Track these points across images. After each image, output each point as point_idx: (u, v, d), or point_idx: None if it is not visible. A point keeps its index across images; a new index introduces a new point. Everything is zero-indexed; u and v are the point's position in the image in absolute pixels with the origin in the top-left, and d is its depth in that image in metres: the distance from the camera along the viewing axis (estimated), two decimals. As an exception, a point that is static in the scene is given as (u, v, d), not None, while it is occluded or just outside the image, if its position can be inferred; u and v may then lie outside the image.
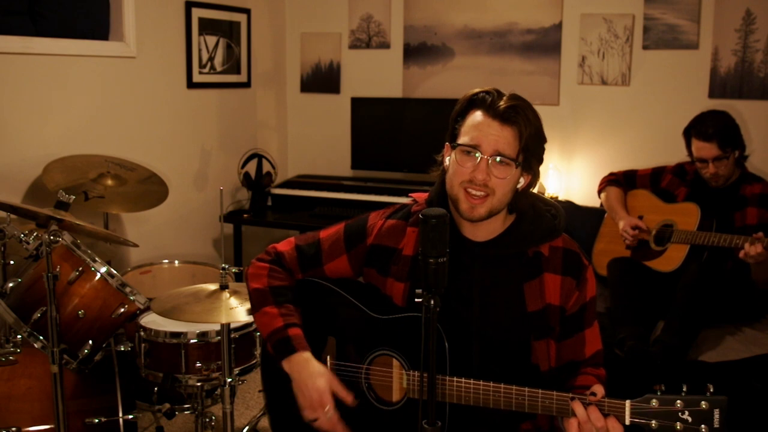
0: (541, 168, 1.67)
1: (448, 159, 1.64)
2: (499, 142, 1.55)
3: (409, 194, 1.81)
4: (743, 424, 2.41)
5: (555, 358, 1.65)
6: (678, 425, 1.39)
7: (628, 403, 1.43)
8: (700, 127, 2.98)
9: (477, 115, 1.58)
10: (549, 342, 1.63)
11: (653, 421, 1.40)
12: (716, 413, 1.37)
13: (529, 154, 1.59)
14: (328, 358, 1.74)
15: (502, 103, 1.56)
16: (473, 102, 1.60)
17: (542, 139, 1.62)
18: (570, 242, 1.68)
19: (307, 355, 1.64)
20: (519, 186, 1.62)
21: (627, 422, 1.43)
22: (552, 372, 1.64)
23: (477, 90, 1.61)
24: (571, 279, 1.63)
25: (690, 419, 1.38)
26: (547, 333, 1.63)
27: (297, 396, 1.64)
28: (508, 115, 1.55)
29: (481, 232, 1.65)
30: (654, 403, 1.41)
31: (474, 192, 1.57)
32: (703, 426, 1.38)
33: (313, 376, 1.62)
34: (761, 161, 3.41)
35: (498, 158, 1.55)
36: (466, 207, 1.58)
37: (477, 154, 1.56)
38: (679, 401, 1.39)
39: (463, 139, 1.59)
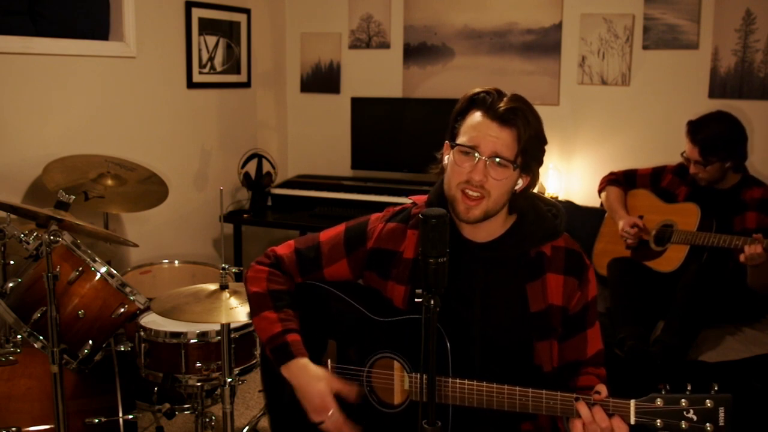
0: (541, 168, 1.67)
1: (447, 158, 1.64)
2: (497, 143, 1.55)
3: (409, 197, 1.81)
4: (743, 424, 2.40)
5: (557, 358, 1.65)
6: (683, 424, 1.39)
7: (632, 402, 1.43)
8: (696, 128, 2.98)
9: (476, 116, 1.58)
10: (552, 343, 1.63)
11: (658, 420, 1.40)
12: (721, 411, 1.37)
13: (528, 156, 1.58)
14: (329, 361, 1.73)
15: (502, 104, 1.55)
16: (473, 102, 1.60)
17: (542, 142, 1.62)
18: (571, 242, 1.68)
19: (304, 361, 1.64)
20: (517, 188, 1.62)
21: (632, 422, 1.43)
22: (554, 372, 1.64)
23: (478, 90, 1.61)
24: (573, 279, 1.63)
25: (695, 418, 1.38)
26: (550, 333, 1.62)
27: (301, 401, 1.64)
28: (508, 117, 1.54)
29: (481, 233, 1.65)
30: (659, 402, 1.40)
31: (470, 193, 1.57)
32: (708, 424, 1.37)
33: (312, 380, 1.62)
34: (761, 162, 3.41)
35: (496, 159, 1.55)
36: (462, 208, 1.58)
37: (475, 155, 1.55)
38: (683, 400, 1.39)
39: (461, 139, 1.59)
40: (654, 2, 3.60)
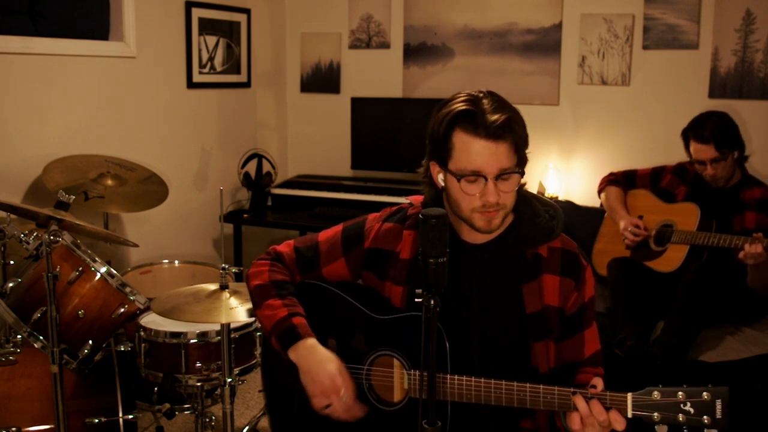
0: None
1: (441, 178, 1.60)
2: (500, 160, 1.51)
3: (407, 197, 1.81)
4: (743, 424, 2.40)
5: (554, 359, 1.64)
6: (680, 417, 1.38)
7: (629, 395, 1.43)
8: (697, 129, 2.98)
9: (468, 139, 1.51)
10: (548, 343, 1.63)
11: (655, 414, 1.40)
12: (718, 404, 1.37)
13: (523, 150, 1.57)
14: (333, 341, 1.73)
15: (491, 119, 1.49)
16: (457, 120, 1.53)
17: (526, 129, 1.57)
18: (568, 242, 1.67)
19: (312, 342, 1.63)
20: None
21: (629, 415, 1.43)
22: (551, 373, 1.64)
23: (455, 106, 1.54)
24: (569, 280, 1.63)
25: (692, 410, 1.38)
26: (547, 334, 1.62)
27: (306, 385, 1.62)
28: (502, 132, 1.50)
29: (478, 235, 1.64)
30: (656, 395, 1.40)
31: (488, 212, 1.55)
32: (705, 417, 1.37)
33: (322, 361, 1.60)
34: (761, 162, 3.41)
35: (504, 175, 1.52)
36: (483, 224, 1.56)
37: (482, 180, 1.52)
38: (680, 393, 1.39)
39: (460, 166, 1.53)
40: (654, 2, 3.60)
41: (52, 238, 2.06)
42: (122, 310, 2.27)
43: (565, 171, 3.90)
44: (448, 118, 1.54)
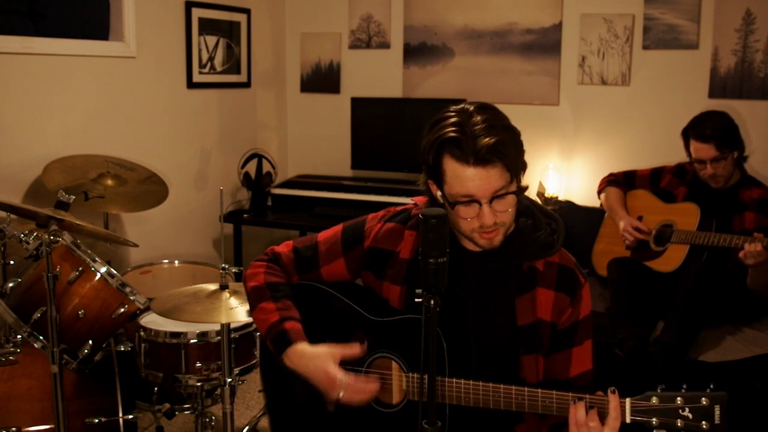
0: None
1: (440, 195, 1.58)
2: (491, 183, 1.49)
3: (412, 198, 1.80)
4: (743, 424, 2.40)
5: (543, 372, 1.63)
6: (679, 422, 1.39)
7: (628, 401, 1.43)
8: (698, 128, 2.98)
9: (457, 166, 1.49)
10: (537, 358, 1.62)
11: (654, 419, 1.40)
12: (717, 409, 1.37)
13: (518, 167, 1.55)
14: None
15: (478, 144, 1.46)
16: (445, 146, 1.50)
17: (521, 144, 1.56)
18: (567, 258, 1.65)
19: (301, 346, 1.63)
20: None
21: (627, 420, 1.43)
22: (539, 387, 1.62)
23: (444, 131, 1.51)
24: (565, 295, 1.61)
25: (691, 416, 1.38)
26: (537, 348, 1.61)
27: (317, 387, 1.61)
28: (491, 157, 1.48)
29: None
30: (654, 400, 1.41)
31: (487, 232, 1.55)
32: (703, 422, 1.37)
33: (312, 360, 1.60)
34: (760, 162, 3.41)
35: (498, 196, 1.51)
36: (485, 242, 1.56)
37: (476, 204, 1.51)
38: (679, 398, 1.39)
39: (453, 191, 1.52)
40: (654, 2, 3.60)
41: (52, 238, 2.06)
42: (122, 310, 2.28)
43: (565, 171, 3.90)
44: (437, 145, 1.53)
